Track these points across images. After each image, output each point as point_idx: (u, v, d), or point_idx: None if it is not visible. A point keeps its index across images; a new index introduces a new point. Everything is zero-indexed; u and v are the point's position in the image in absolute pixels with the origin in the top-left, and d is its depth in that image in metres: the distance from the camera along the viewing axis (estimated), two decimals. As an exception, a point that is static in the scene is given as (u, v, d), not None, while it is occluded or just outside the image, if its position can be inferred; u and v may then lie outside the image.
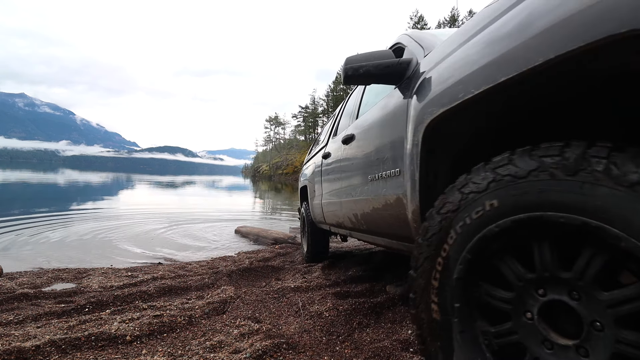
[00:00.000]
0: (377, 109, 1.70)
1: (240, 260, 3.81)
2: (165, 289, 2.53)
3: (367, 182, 1.73)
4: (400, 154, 1.33)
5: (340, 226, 2.50)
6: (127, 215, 8.03)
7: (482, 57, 0.85)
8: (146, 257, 4.17)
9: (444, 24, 53.82)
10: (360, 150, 1.88)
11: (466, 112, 0.96)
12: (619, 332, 0.60)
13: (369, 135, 1.75)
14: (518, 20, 0.77)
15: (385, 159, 1.49)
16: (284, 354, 1.44)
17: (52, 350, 1.48)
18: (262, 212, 10.75)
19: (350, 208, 2.05)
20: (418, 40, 1.54)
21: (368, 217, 1.77)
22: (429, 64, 1.23)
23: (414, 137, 1.17)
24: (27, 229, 5.68)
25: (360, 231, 2.05)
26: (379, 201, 1.57)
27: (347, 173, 2.12)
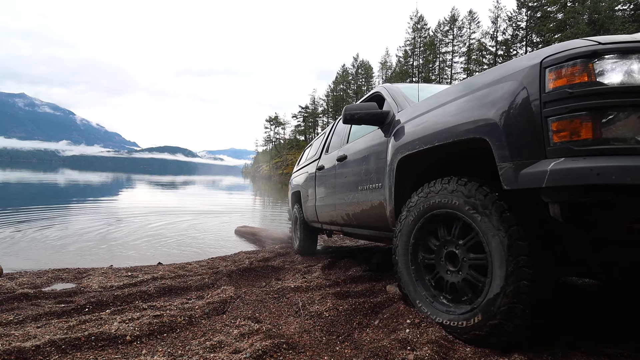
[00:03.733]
0: (365, 139, 2.44)
1: (240, 260, 3.81)
2: (165, 289, 2.53)
3: (357, 191, 2.44)
4: (382, 173, 2.06)
5: (333, 224, 3.19)
6: (127, 215, 8.03)
7: (429, 127, 1.64)
8: (146, 257, 4.17)
9: (444, 23, 53.78)
10: (351, 167, 2.60)
11: (420, 156, 1.73)
12: None
13: (359, 157, 2.47)
14: (440, 115, 1.60)
15: (372, 175, 2.22)
16: (284, 354, 1.44)
17: (52, 350, 1.48)
18: (262, 212, 10.75)
19: (343, 209, 2.73)
20: (393, 97, 2.31)
21: (358, 215, 2.49)
22: (402, 119, 1.98)
23: (391, 164, 1.91)
24: (27, 228, 5.68)
25: (351, 226, 2.78)
26: (367, 204, 2.30)
27: (341, 183, 2.80)
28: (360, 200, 2.38)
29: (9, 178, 22.68)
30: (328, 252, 4.35)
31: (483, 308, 1.33)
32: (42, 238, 5.04)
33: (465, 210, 1.41)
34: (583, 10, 34.59)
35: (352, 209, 2.55)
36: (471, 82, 1.52)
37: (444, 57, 54.27)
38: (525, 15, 43.90)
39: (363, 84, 69.14)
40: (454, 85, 1.66)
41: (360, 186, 2.38)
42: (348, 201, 2.60)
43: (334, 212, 2.99)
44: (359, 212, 2.44)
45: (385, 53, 75.57)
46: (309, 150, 4.67)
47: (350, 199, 2.55)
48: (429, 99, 1.80)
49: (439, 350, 1.33)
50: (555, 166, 1.05)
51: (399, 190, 1.89)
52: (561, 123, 1.08)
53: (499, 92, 1.28)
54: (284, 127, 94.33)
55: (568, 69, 1.09)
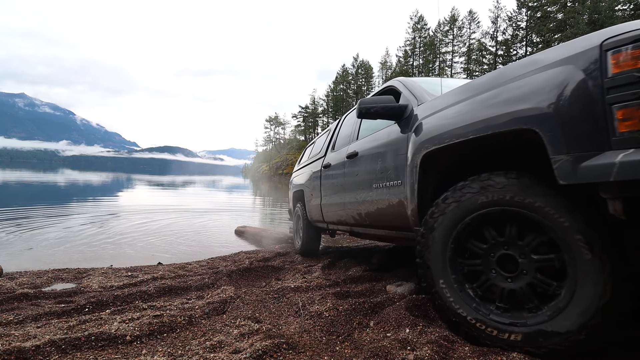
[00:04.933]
0: (380, 135, 2.31)
1: (240, 260, 3.81)
2: (165, 289, 2.53)
3: (371, 189, 2.31)
4: (402, 170, 1.93)
5: (341, 223, 3.05)
6: (127, 215, 8.03)
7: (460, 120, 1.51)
8: (146, 257, 4.17)
9: (444, 23, 53.79)
10: (364, 165, 2.48)
11: (449, 150, 1.60)
12: None
13: (372, 154, 2.36)
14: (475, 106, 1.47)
15: (389, 172, 2.09)
16: (284, 354, 1.44)
17: (52, 350, 1.48)
18: (262, 212, 10.75)
19: (355, 209, 2.60)
20: (411, 90, 2.20)
21: (372, 215, 2.36)
22: (423, 113, 1.86)
23: (413, 160, 1.79)
24: (27, 228, 5.68)
25: (363, 226, 2.63)
26: (383, 203, 2.17)
27: (352, 182, 2.67)
28: (375, 199, 2.26)
29: (9, 178, 22.69)
30: (328, 252, 4.35)
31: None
32: (42, 238, 5.04)
33: (536, 207, 1.24)
34: (583, 10, 34.60)
35: (365, 208, 2.43)
36: (511, 70, 1.40)
37: (444, 57, 54.32)
38: (525, 15, 43.92)
39: (363, 84, 69.15)
40: (489, 75, 1.54)
41: (374, 184, 2.26)
42: (360, 200, 2.48)
43: (343, 211, 2.87)
44: (374, 212, 2.31)
45: (385, 53, 75.60)
46: (312, 148, 4.56)
47: (363, 198, 2.43)
48: (457, 91, 1.67)
49: (439, 350, 1.34)
50: (625, 158, 0.96)
51: (422, 188, 1.76)
52: (628, 111, 0.99)
53: (549, 78, 1.19)
54: (284, 127, 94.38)
55: (636, 51, 0.99)
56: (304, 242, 4.01)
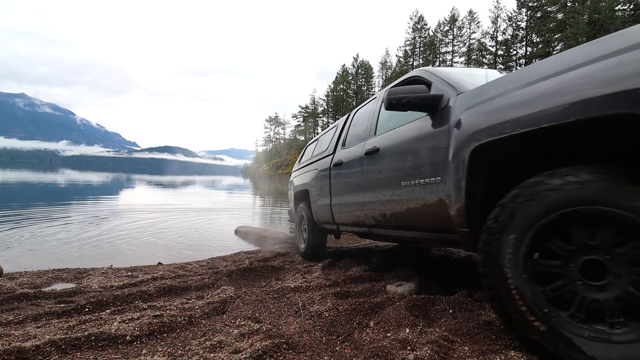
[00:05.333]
0: (408, 129, 2.11)
1: (240, 260, 3.81)
2: (165, 289, 2.53)
3: (399, 187, 2.12)
4: (442, 166, 1.73)
5: (357, 225, 2.85)
6: (127, 215, 8.03)
7: (528, 107, 1.29)
8: (146, 257, 4.17)
9: (444, 23, 53.80)
10: (388, 161, 2.30)
11: (507, 143, 1.39)
12: None
13: (400, 149, 2.16)
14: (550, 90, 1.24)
15: (423, 169, 1.90)
16: (284, 354, 1.44)
17: (52, 350, 1.48)
18: (262, 212, 10.75)
19: (377, 209, 2.41)
20: (446, 79, 1.99)
21: (401, 215, 2.15)
22: (469, 101, 1.65)
23: (459, 155, 1.59)
24: (27, 228, 5.68)
25: (388, 227, 2.40)
26: (415, 202, 1.97)
27: (373, 180, 2.48)
28: (404, 198, 2.06)
29: (9, 178, 22.68)
30: (328, 252, 4.35)
31: None
32: (43, 238, 5.04)
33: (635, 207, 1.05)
34: (583, 10, 34.61)
35: (391, 208, 2.23)
36: (599, 46, 1.17)
37: (444, 57, 54.32)
38: (525, 15, 43.93)
39: (363, 84, 69.19)
40: (562, 55, 1.31)
41: (403, 182, 2.06)
42: (384, 199, 2.28)
43: (360, 212, 2.68)
44: (402, 212, 2.11)
45: (385, 53, 75.65)
46: (315, 145, 4.35)
47: (388, 197, 2.23)
48: (516, 76, 1.45)
49: (439, 350, 1.34)
50: None
51: (470, 186, 1.57)
52: None
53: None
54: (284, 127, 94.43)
55: None
56: (309, 245, 3.80)
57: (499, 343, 1.40)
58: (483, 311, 1.73)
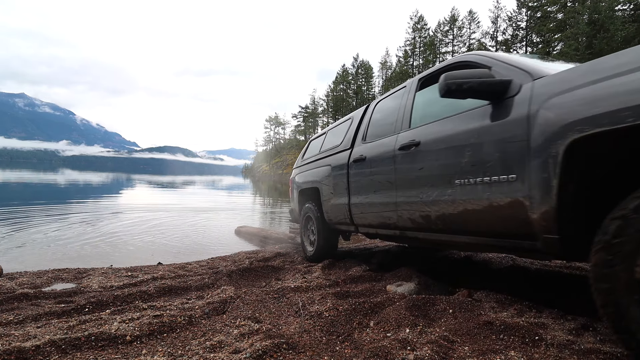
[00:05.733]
0: (465, 120, 1.86)
1: (240, 260, 3.81)
2: (165, 289, 2.53)
3: (452, 186, 1.88)
4: (517, 162, 1.53)
5: (385, 227, 2.62)
6: (126, 215, 8.03)
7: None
8: (146, 257, 4.17)
9: (444, 23, 53.80)
10: (435, 156, 2.05)
11: (625, 134, 1.14)
12: None
13: (452, 143, 1.92)
14: None
15: (490, 165, 1.67)
16: (284, 354, 1.44)
17: (52, 350, 1.48)
18: (262, 212, 10.75)
19: (417, 210, 2.18)
20: (513, 63, 1.78)
21: (453, 217, 1.90)
22: (557, 87, 1.42)
23: (549, 149, 1.37)
24: (27, 228, 5.68)
25: (431, 231, 2.15)
26: (477, 203, 1.73)
27: (411, 177, 2.26)
28: (458, 198, 1.83)
29: (9, 178, 22.68)
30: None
31: None
32: (43, 238, 5.04)
33: None
34: (583, 10, 34.63)
35: (438, 210, 1.99)
36: None
37: (444, 57, 54.31)
38: (525, 15, 43.95)
39: (363, 84, 69.23)
40: None
41: (458, 180, 1.83)
42: (428, 199, 2.05)
43: (392, 212, 2.44)
44: (457, 214, 1.87)
45: (385, 53, 75.73)
46: (322, 140, 4.07)
47: (435, 197, 2.00)
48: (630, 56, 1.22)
49: (439, 350, 1.34)
50: None
51: (563, 185, 1.35)
52: None
53: None
54: (284, 127, 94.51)
55: None
56: (319, 247, 3.57)
57: (499, 343, 1.40)
58: (483, 311, 1.73)
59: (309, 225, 3.91)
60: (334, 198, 3.32)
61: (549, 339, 1.39)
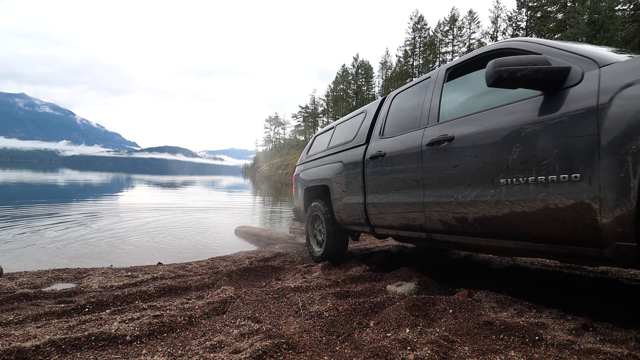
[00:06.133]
0: (513, 112, 1.69)
1: (240, 260, 3.81)
2: (165, 289, 2.53)
3: (494, 185, 1.73)
4: (583, 159, 1.37)
5: (409, 228, 2.44)
6: (126, 215, 8.03)
7: None
8: (146, 257, 4.17)
9: (444, 23, 53.80)
10: (473, 152, 1.87)
11: None
12: None
13: (496, 137, 1.74)
14: None
15: (544, 163, 1.51)
16: (284, 354, 1.44)
17: (52, 350, 1.48)
18: (262, 212, 10.75)
19: (450, 211, 2.01)
20: (570, 50, 1.62)
21: (496, 220, 1.75)
22: (636, 75, 1.27)
23: (626, 145, 1.22)
24: (27, 228, 5.68)
25: (468, 234, 1.98)
26: (527, 205, 1.58)
27: (441, 175, 2.08)
28: (504, 199, 1.68)
29: (9, 178, 22.68)
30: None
31: None
32: (43, 238, 5.04)
33: None
34: (583, 10, 34.63)
35: (476, 211, 1.84)
36: None
37: (444, 57, 54.31)
38: (525, 15, 43.96)
39: (363, 84, 69.25)
40: None
41: (504, 178, 1.67)
42: (465, 200, 1.89)
43: (418, 213, 2.28)
44: (501, 216, 1.71)
45: (385, 53, 75.76)
46: (330, 135, 3.88)
47: (473, 197, 1.85)
48: None
49: (439, 350, 1.34)
50: None
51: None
52: None
53: None
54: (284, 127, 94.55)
55: None
56: (328, 248, 3.43)
57: (499, 343, 1.40)
58: (483, 311, 1.73)
59: (316, 225, 3.77)
60: (346, 197, 3.14)
61: (549, 339, 1.39)
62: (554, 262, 2.97)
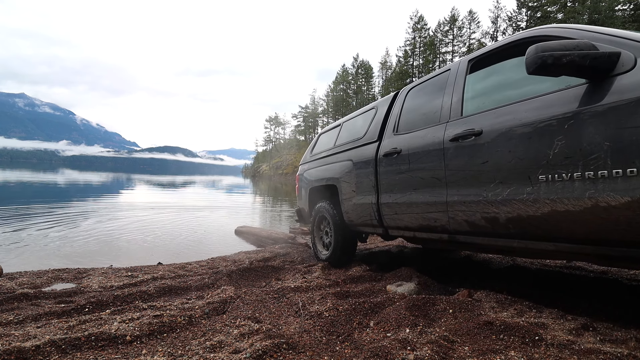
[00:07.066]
0: (553, 103, 1.57)
1: (240, 260, 3.81)
2: (165, 289, 2.53)
3: (530, 182, 1.61)
4: (638, 153, 1.26)
5: (429, 230, 2.29)
6: (126, 215, 8.03)
7: None
8: (146, 257, 4.17)
9: (444, 23, 53.81)
10: (506, 146, 1.74)
11: None
12: None
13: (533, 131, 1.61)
14: None
15: (593, 157, 1.39)
16: (284, 354, 1.44)
17: (52, 350, 1.48)
18: (262, 212, 10.74)
19: (478, 210, 1.88)
20: (620, 35, 1.49)
21: (532, 220, 1.63)
22: None
23: None
24: (27, 228, 5.68)
25: (498, 236, 1.84)
26: (571, 203, 1.46)
27: (468, 172, 1.94)
28: (543, 197, 1.56)
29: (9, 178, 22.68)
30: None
31: None
32: (43, 238, 5.04)
33: None
34: (583, 10, 34.65)
35: (509, 211, 1.71)
36: None
37: (444, 57, 54.32)
38: (525, 15, 43.97)
39: (363, 84, 69.28)
40: None
41: (545, 174, 1.55)
42: (496, 198, 1.77)
43: (440, 213, 2.13)
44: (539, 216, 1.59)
45: (385, 53, 75.81)
46: (337, 132, 3.73)
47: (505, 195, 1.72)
48: None
49: (439, 350, 1.34)
50: None
51: None
52: None
53: None
54: (284, 127, 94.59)
55: None
56: (336, 251, 3.28)
57: (499, 343, 1.40)
58: (483, 311, 1.73)
59: (322, 227, 3.62)
60: (356, 197, 2.99)
61: (549, 339, 1.39)
62: (554, 262, 2.97)
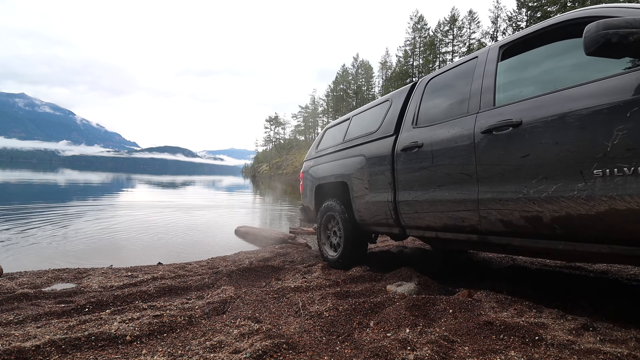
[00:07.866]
0: (615, 88, 1.41)
1: (240, 260, 3.81)
2: (165, 289, 2.53)
3: (585, 178, 1.45)
4: None
5: (456, 230, 2.14)
6: (126, 215, 8.03)
7: None
8: (146, 257, 4.17)
9: (444, 23, 53.81)
10: (553, 138, 1.58)
11: None
12: None
13: (588, 120, 1.47)
14: None
15: None
16: (284, 354, 1.44)
17: (52, 350, 1.48)
18: (262, 212, 10.75)
19: (516, 209, 1.74)
20: None
21: (585, 220, 1.48)
22: None
23: None
24: (28, 228, 5.68)
25: (538, 237, 1.71)
26: (638, 201, 1.32)
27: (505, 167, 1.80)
28: (599, 194, 1.40)
29: (9, 178, 22.69)
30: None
31: None
32: (43, 237, 5.04)
33: None
34: (583, 10, 34.65)
35: (556, 209, 1.56)
36: None
37: (444, 57, 54.30)
38: (525, 15, 43.96)
39: (363, 84, 69.28)
40: None
41: (602, 169, 1.40)
42: (539, 196, 1.61)
43: (470, 212, 1.98)
44: (598, 215, 1.42)
45: (385, 53, 75.83)
46: (346, 127, 3.54)
47: (551, 193, 1.57)
48: None
49: (439, 350, 1.34)
50: None
51: None
52: None
53: None
54: (284, 127, 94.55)
55: None
56: (345, 252, 3.12)
57: (499, 343, 1.40)
58: (483, 311, 1.73)
59: (330, 226, 3.47)
60: (369, 194, 2.81)
61: (549, 339, 1.39)
62: (554, 262, 2.97)
